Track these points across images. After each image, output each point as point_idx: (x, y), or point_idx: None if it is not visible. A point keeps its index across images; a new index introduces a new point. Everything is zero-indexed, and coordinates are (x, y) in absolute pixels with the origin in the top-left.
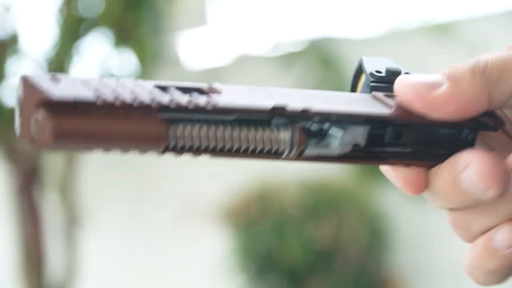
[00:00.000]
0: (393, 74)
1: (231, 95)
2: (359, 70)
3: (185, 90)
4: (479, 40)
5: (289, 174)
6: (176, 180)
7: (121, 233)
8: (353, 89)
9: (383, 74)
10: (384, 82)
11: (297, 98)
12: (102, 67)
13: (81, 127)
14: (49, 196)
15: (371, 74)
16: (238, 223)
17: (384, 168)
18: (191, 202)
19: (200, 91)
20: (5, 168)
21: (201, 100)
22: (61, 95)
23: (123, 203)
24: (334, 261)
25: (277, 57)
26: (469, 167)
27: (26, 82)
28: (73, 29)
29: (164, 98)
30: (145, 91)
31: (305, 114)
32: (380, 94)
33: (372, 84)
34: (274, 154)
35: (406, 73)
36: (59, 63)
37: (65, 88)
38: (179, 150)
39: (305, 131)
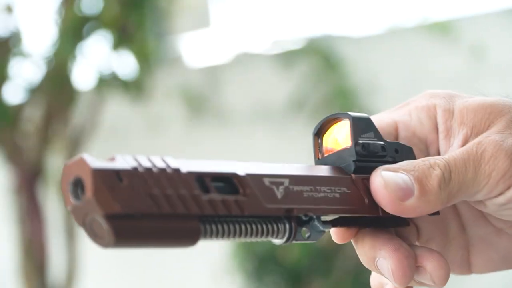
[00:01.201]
0: (374, 156)
1: (255, 198)
2: (342, 116)
3: (220, 190)
4: (478, 38)
5: None
6: None
7: None
8: (329, 123)
9: (366, 153)
10: (365, 161)
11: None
12: (102, 68)
13: (137, 232)
14: (50, 195)
15: (356, 150)
16: None
17: None
18: None
19: (234, 189)
20: (7, 167)
21: (234, 208)
22: (127, 208)
23: None
24: (334, 261)
25: (277, 55)
26: (386, 261)
27: (97, 178)
28: (74, 30)
29: (206, 207)
30: (188, 193)
31: (306, 215)
32: (359, 180)
33: (356, 162)
34: (270, 238)
35: (384, 153)
36: (60, 63)
37: (128, 195)
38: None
39: (298, 223)
